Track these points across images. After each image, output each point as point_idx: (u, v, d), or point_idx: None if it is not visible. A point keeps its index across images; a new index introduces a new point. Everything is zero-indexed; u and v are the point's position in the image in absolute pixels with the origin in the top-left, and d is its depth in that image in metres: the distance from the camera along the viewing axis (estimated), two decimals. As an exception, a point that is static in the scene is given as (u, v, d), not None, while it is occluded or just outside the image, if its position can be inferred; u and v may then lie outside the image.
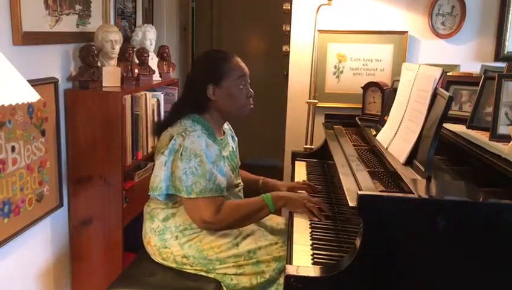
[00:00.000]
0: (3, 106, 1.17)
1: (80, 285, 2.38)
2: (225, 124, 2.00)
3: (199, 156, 1.70)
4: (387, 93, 2.33)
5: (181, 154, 1.70)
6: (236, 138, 2.11)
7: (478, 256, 1.20)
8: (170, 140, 1.73)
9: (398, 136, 1.67)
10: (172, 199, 1.79)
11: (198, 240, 1.76)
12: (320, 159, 2.42)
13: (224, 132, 1.97)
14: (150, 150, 2.56)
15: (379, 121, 2.10)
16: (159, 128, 1.87)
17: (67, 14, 2.18)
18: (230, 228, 1.78)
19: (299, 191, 1.97)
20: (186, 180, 1.69)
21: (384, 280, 1.23)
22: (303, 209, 1.73)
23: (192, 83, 1.87)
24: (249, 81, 1.88)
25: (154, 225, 1.82)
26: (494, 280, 1.21)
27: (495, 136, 1.56)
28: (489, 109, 1.69)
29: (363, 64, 2.87)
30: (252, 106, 1.88)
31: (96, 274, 2.34)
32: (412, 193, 1.24)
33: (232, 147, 1.99)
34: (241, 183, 2.00)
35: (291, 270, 1.26)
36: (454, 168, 1.59)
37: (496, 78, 1.60)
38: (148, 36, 2.74)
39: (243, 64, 1.86)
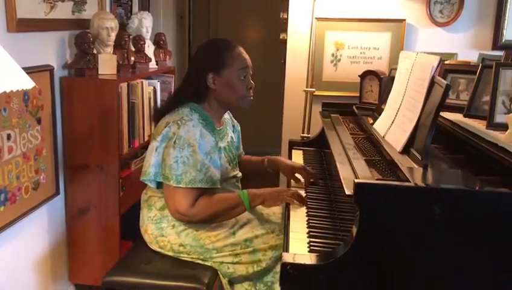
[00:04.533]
0: (-3, 93, 1.16)
1: (77, 273, 2.39)
2: (225, 113, 1.98)
3: (192, 146, 1.69)
4: (384, 82, 2.32)
5: (174, 142, 1.69)
6: (238, 127, 2.10)
7: (475, 244, 1.20)
8: (165, 127, 1.72)
9: (395, 125, 1.67)
10: None
11: (195, 229, 1.76)
12: (317, 148, 2.42)
13: (223, 122, 1.95)
14: (146, 138, 2.56)
15: (376, 110, 2.10)
16: (158, 114, 1.85)
17: (63, 1, 2.16)
18: (204, 222, 1.76)
19: (295, 175, 1.98)
20: (177, 169, 1.68)
21: (380, 267, 1.24)
22: (281, 202, 1.76)
23: (193, 70, 1.85)
24: (251, 73, 1.84)
25: (152, 214, 1.82)
26: (490, 268, 1.21)
27: (492, 125, 1.55)
28: (487, 98, 1.69)
29: (361, 53, 2.86)
30: (251, 97, 1.85)
31: (93, 262, 2.34)
32: (408, 181, 1.24)
33: (232, 138, 1.98)
34: (239, 174, 1.99)
35: (287, 258, 1.26)
36: (451, 156, 1.59)
37: (494, 67, 1.60)
38: (145, 23, 2.72)
39: (246, 56, 1.83)
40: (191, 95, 1.82)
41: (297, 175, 1.99)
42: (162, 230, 1.79)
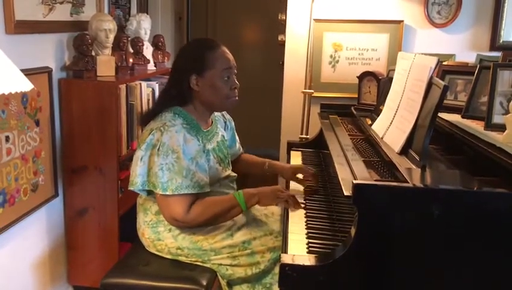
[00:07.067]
0: (-4, 95, 1.16)
1: (76, 275, 2.39)
2: (213, 113, 1.95)
3: (176, 152, 1.66)
4: (382, 83, 2.32)
5: (158, 149, 1.66)
6: (231, 123, 2.08)
7: (473, 245, 1.21)
8: (149, 135, 1.69)
9: (393, 126, 1.67)
10: None
11: (192, 232, 1.75)
12: (316, 149, 2.42)
13: (212, 122, 1.93)
14: (145, 139, 2.55)
15: (374, 111, 2.10)
16: (144, 120, 1.83)
17: (61, 3, 2.16)
18: (201, 226, 1.75)
19: (296, 176, 1.98)
20: (162, 177, 1.65)
21: (378, 268, 1.24)
22: (277, 201, 1.74)
23: (176, 73, 1.82)
24: (236, 72, 1.81)
25: (148, 218, 1.81)
26: (489, 268, 1.22)
27: (490, 126, 1.56)
28: (485, 99, 1.69)
29: (359, 54, 2.87)
30: (236, 98, 1.81)
31: (92, 264, 2.34)
32: (406, 182, 1.24)
33: (223, 136, 1.96)
34: (233, 174, 1.98)
35: (286, 259, 1.26)
36: (449, 157, 1.60)
37: (491, 68, 1.60)
38: (143, 25, 2.72)
39: (229, 56, 1.79)
40: (175, 97, 1.79)
41: (298, 175, 1.99)
42: (158, 234, 1.78)
